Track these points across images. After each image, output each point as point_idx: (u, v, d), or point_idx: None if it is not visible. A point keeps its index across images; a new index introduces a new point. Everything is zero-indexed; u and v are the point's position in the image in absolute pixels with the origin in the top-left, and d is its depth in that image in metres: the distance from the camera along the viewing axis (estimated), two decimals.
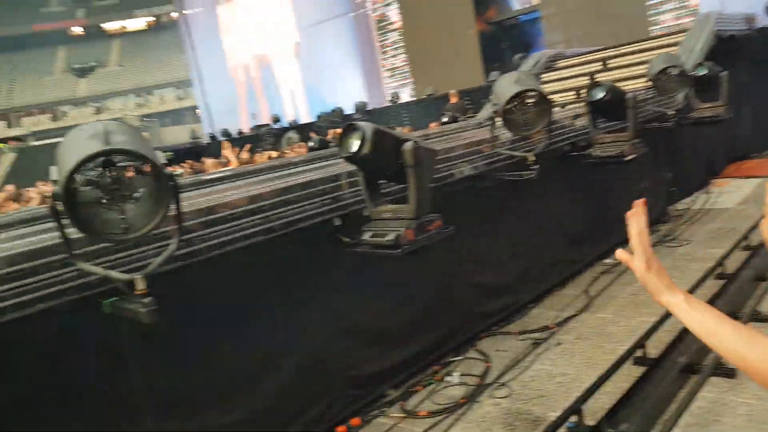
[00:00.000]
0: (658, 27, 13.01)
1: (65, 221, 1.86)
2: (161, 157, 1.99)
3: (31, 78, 43.63)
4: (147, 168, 1.94)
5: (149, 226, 1.94)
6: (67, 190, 1.80)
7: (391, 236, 2.58)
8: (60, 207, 1.80)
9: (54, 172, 1.87)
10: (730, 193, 6.24)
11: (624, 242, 1.01)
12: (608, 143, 4.22)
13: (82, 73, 44.66)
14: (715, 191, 6.31)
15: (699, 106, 5.36)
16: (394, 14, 18.51)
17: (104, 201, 1.89)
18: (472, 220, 3.58)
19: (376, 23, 19.15)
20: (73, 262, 1.93)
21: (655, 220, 5.43)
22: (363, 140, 2.48)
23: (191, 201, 2.49)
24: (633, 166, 4.34)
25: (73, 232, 1.91)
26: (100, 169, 1.90)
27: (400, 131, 2.71)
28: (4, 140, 38.66)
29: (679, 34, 7.57)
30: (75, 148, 1.88)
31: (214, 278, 2.49)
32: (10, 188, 5.79)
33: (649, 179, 5.31)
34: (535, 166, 3.55)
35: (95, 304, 2.08)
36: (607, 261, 4.63)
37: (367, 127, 2.53)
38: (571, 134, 4.47)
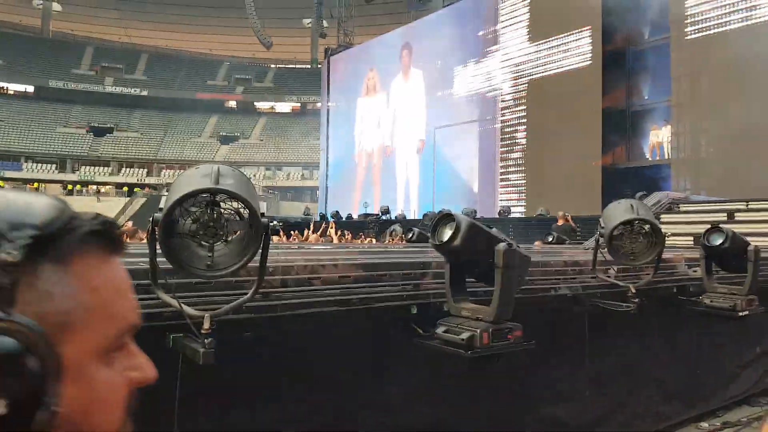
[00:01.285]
0: None
1: (158, 250, 1.98)
2: (262, 207, 2.09)
3: (180, 137, 48.63)
4: (245, 212, 2.05)
5: (232, 267, 2.00)
6: (168, 218, 1.92)
7: (465, 335, 2.48)
8: (157, 233, 1.92)
9: (162, 201, 2.02)
10: None
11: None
12: (721, 294, 3.87)
13: (226, 140, 49.16)
14: None
15: None
16: (521, 132, 18.86)
17: (198, 235, 2.00)
18: (557, 342, 3.37)
19: (500, 137, 19.55)
20: (153, 289, 2.02)
21: (762, 392, 4.83)
22: (456, 231, 2.46)
23: (279, 257, 2.56)
24: (746, 326, 3.94)
25: (163, 263, 2.02)
26: (203, 206, 2.04)
27: (498, 231, 2.66)
28: (142, 186, 42.92)
29: None
30: (187, 183, 2.03)
31: (280, 336, 2.50)
32: (128, 225, 6.31)
33: (764, 345, 4.78)
34: (635, 300, 3.32)
35: (165, 336, 2.15)
36: (703, 425, 4.13)
37: (463, 219, 2.52)
38: (682, 277, 4.18)
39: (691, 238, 6.62)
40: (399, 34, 25.89)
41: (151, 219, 1.93)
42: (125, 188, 42.18)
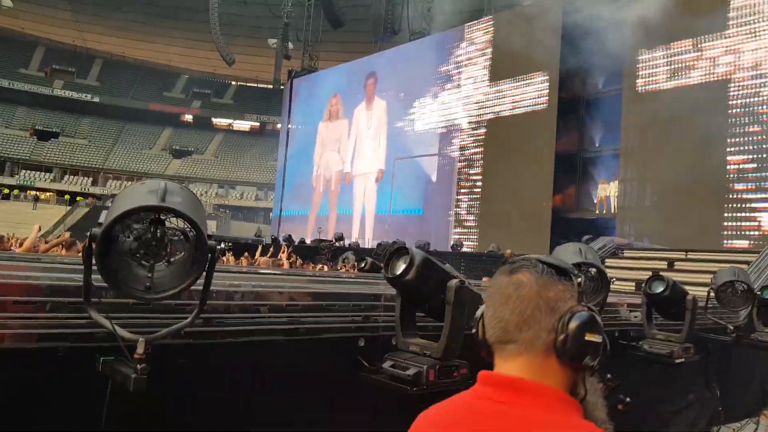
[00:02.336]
0: (731, 242, 12.75)
1: (94, 267, 1.86)
2: (212, 226, 2.00)
3: (131, 148, 47.41)
4: (191, 233, 1.95)
5: (172, 291, 1.90)
6: (107, 234, 1.81)
7: (411, 371, 2.43)
8: (94, 249, 1.81)
9: (102, 216, 1.91)
10: None
11: None
12: (659, 340, 3.96)
13: (179, 155, 48.18)
14: (766, 424, 5.73)
15: (761, 329, 5.04)
16: (477, 168, 19.20)
17: (138, 255, 1.89)
18: None
19: (457, 172, 19.86)
20: (85, 307, 1.89)
21: None
22: (410, 265, 2.43)
23: (222, 281, 2.46)
24: (681, 372, 4.03)
25: (98, 280, 1.90)
26: (146, 223, 1.93)
27: (451, 268, 2.63)
28: (86, 195, 41.43)
29: (752, 254, 7.38)
30: (131, 198, 1.93)
31: (220, 364, 2.38)
32: (67, 235, 6.05)
33: (697, 392, 4.91)
34: None
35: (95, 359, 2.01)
36: None
37: (417, 253, 2.49)
38: (624, 321, 4.26)
39: (633, 284, 6.80)
40: (365, 63, 26.18)
41: (88, 233, 1.82)
42: (67, 196, 40.51)
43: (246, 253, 10.93)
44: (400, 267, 2.49)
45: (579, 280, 1.08)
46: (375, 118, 24.31)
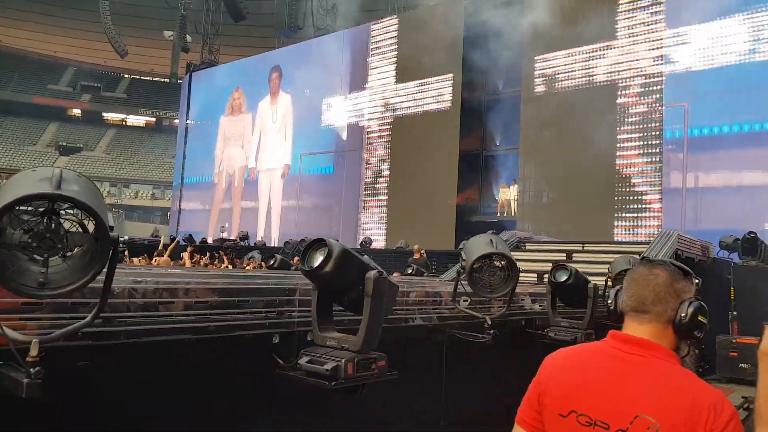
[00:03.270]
0: (621, 235, 13.73)
1: None
2: (111, 219, 1.83)
3: (11, 144, 43.66)
4: (91, 225, 1.78)
5: (69, 287, 1.73)
6: None
7: (329, 365, 2.37)
8: None
9: None
10: None
11: None
12: (564, 327, 4.16)
13: (67, 151, 44.91)
14: None
15: None
16: (384, 165, 19.35)
17: (30, 248, 1.70)
18: (416, 371, 3.37)
19: (365, 169, 19.93)
20: None
21: None
22: (328, 256, 2.37)
23: (124, 278, 2.29)
24: None
25: None
26: (39, 214, 1.74)
27: (369, 259, 2.60)
28: None
29: (642, 245, 7.95)
30: (20, 186, 1.73)
31: (123, 368, 2.21)
32: None
33: None
34: (491, 332, 3.44)
35: None
36: None
37: (336, 245, 2.43)
38: (529, 310, 4.43)
39: (535, 275, 7.11)
40: (269, 57, 25.61)
41: None
42: None
43: (145, 255, 10.36)
44: (318, 259, 2.43)
45: (697, 281, 1.54)
46: (280, 113, 23.86)
